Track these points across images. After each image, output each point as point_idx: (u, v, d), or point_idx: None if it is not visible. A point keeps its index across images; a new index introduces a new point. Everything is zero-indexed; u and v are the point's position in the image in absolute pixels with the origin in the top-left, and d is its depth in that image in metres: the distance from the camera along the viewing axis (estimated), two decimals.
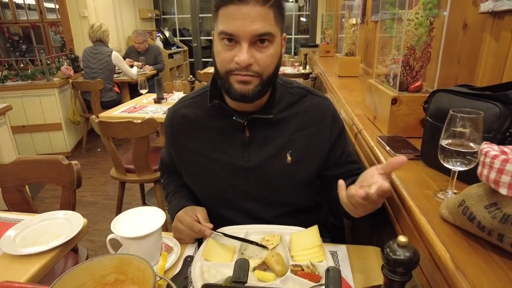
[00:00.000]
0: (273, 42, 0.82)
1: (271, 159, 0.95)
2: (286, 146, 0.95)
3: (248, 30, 0.77)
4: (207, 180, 1.00)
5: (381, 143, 1.03)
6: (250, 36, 0.78)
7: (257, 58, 0.81)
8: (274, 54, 0.83)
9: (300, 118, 0.96)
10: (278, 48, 0.84)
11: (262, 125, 0.94)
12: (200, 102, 1.00)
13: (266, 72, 0.84)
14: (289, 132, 0.95)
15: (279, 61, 0.87)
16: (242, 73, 0.82)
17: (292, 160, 0.95)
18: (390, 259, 0.49)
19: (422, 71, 1.08)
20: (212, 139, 0.98)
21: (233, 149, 0.96)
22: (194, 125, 0.99)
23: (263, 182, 0.97)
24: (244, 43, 0.79)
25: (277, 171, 0.96)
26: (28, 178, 1.36)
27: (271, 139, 0.95)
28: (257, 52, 0.81)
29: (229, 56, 0.81)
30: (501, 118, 0.69)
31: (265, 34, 0.79)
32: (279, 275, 0.76)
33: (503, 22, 0.86)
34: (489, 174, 0.53)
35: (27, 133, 3.77)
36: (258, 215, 1.00)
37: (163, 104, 2.78)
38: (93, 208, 2.82)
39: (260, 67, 0.82)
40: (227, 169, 0.97)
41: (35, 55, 5.25)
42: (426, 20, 1.02)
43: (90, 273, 0.64)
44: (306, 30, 7.02)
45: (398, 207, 0.78)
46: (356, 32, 2.34)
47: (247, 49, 0.79)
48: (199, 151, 0.99)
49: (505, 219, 0.52)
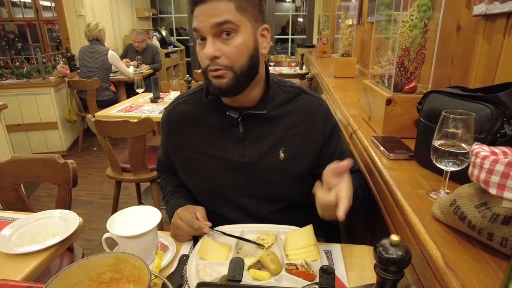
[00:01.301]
0: (238, 32, 0.83)
1: (265, 155, 0.97)
2: (279, 143, 0.97)
3: (208, 23, 0.81)
4: (203, 176, 1.01)
5: (376, 143, 1.04)
6: (209, 27, 0.81)
7: (224, 51, 0.83)
8: (242, 45, 0.84)
9: (293, 115, 0.98)
10: (247, 38, 0.84)
11: (256, 121, 0.96)
12: (197, 99, 1.01)
13: (236, 64, 0.84)
14: (282, 129, 0.97)
15: (253, 52, 0.87)
16: (213, 68, 0.85)
17: (285, 157, 0.96)
18: (383, 258, 0.49)
19: (416, 72, 1.09)
20: (208, 134, 0.99)
21: (228, 144, 0.98)
22: (191, 121, 1.01)
23: (257, 178, 0.98)
24: (208, 37, 0.82)
25: (270, 167, 0.97)
26: (24, 177, 1.36)
27: (264, 136, 0.97)
28: (223, 45, 0.83)
29: (203, 54, 0.84)
30: (492, 119, 0.70)
31: (224, 22, 0.80)
32: (273, 273, 0.77)
33: (495, 25, 0.88)
34: (480, 174, 0.54)
35: (23, 132, 3.75)
36: (253, 211, 1.01)
37: (160, 104, 2.78)
38: (89, 207, 2.81)
39: (228, 60, 0.84)
40: (222, 164, 0.98)
41: (30, 54, 5.21)
42: (421, 22, 1.03)
43: (86, 271, 0.64)
44: (303, 30, 7.04)
45: (391, 207, 0.79)
46: (353, 33, 2.35)
47: (211, 42, 0.82)
48: (196, 147, 1.00)
49: (494, 218, 0.53)
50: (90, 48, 3.80)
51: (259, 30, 0.88)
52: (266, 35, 0.91)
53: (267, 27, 0.91)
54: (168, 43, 6.59)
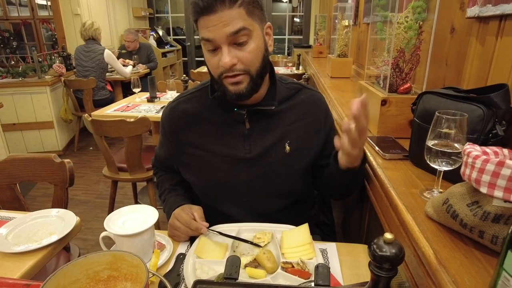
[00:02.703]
0: (252, 36, 0.84)
1: (271, 149, 0.98)
2: (285, 136, 0.99)
3: (222, 33, 0.80)
4: (208, 173, 1.02)
5: (371, 143, 1.05)
6: (225, 37, 0.81)
7: (240, 57, 0.84)
8: (256, 48, 0.85)
9: (296, 109, 1.00)
10: (259, 40, 0.86)
11: (262, 117, 0.98)
12: (200, 97, 1.02)
13: (252, 67, 0.86)
14: (286, 123, 0.99)
15: (264, 52, 0.89)
16: (230, 74, 0.85)
17: (291, 149, 0.98)
18: (377, 256, 0.50)
19: (411, 73, 1.11)
20: (212, 132, 1.00)
21: (234, 141, 0.99)
22: (195, 119, 1.01)
23: (263, 172, 0.99)
24: (223, 46, 0.82)
25: (276, 160, 0.99)
26: (20, 176, 1.36)
27: (270, 130, 0.99)
28: (238, 51, 0.83)
29: (216, 62, 0.85)
30: (484, 119, 0.72)
31: (239, 30, 0.81)
32: (270, 272, 0.78)
33: (488, 27, 0.89)
34: (471, 173, 0.55)
35: (18, 131, 3.73)
36: (256, 208, 1.02)
37: (156, 103, 2.78)
38: (85, 206, 2.80)
39: (244, 65, 0.85)
40: (228, 161, 0.99)
41: (26, 52, 5.18)
42: (416, 24, 1.04)
43: (83, 269, 0.65)
44: (299, 30, 7.05)
45: (386, 206, 0.80)
46: (349, 34, 2.36)
47: (227, 51, 0.82)
48: (200, 145, 1.01)
49: (485, 216, 0.55)
50: (86, 48, 3.79)
51: (264, 29, 0.89)
52: (270, 33, 0.92)
53: (270, 24, 0.92)
54: (165, 43, 6.58)
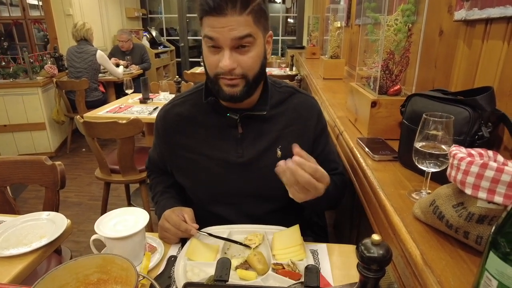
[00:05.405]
0: (254, 43, 0.85)
1: (263, 154, 0.99)
2: (276, 141, 0.99)
3: (228, 36, 0.81)
4: (200, 176, 1.02)
5: (361, 144, 1.06)
6: (230, 41, 0.82)
7: (240, 61, 0.85)
8: (257, 55, 0.86)
9: (288, 114, 1.01)
10: (260, 48, 0.87)
11: (254, 122, 0.98)
12: (194, 100, 1.02)
13: (250, 73, 0.87)
14: (279, 128, 1.00)
15: (263, 60, 0.90)
16: (227, 77, 0.86)
17: (282, 154, 0.99)
18: (364, 257, 0.51)
19: (401, 75, 1.12)
20: (206, 135, 1.00)
21: (227, 145, 0.99)
22: (188, 122, 1.02)
23: (255, 177, 1.00)
24: (226, 49, 0.82)
25: (268, 165, 0.98)
26: (11, 179, 1.34)
27: (262, 135, 0.99)
28: (240, 55, 0.84)
29: (215, 61, 0.85)
30: (470, 121, 0.73)
31: (244, 36, 0.82)
32: (260, 273, 0.78)
33: (475, 30, 0.90)
34: (456, 175, 0.56)
35: (9, 133, 3.69)
36: (249, 211, 1.02)
37: (149, 104, 2.77)
38: (77, 208, 2.78)
39: (243, 70, 0.86)
40: (220, 165, 1.00)
41: (17, 53, 5.12)
42: (405, 26, 1.06)
43: (73, 273, 0.65)
44: (293, 31, 7.07)
45: (374, 207, 0.81)
46: (341, 35, 2.38)
47: (229, 54, 0.83)
48: (193, 148, 1.01)
49: (469, 217, 0.56)
50: (78, 48, 3.76)
51: (266, 37, 0.90)
52: (270, 42, 0.94)
53: (272, 33, 0.93)
54: (158, 44, 6.55)
